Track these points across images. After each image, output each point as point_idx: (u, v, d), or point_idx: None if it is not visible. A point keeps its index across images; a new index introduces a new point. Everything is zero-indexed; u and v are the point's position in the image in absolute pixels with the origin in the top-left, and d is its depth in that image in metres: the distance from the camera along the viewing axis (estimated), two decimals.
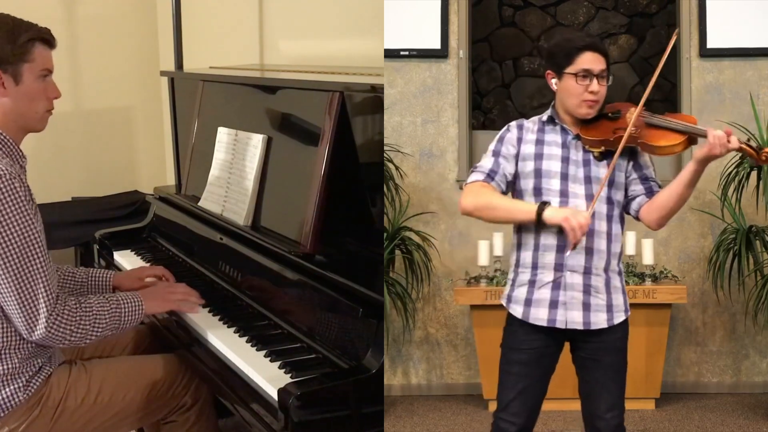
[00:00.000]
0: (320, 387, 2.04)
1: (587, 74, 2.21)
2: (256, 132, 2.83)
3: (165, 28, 4.76)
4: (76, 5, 4.86)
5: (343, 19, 3.50)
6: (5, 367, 2.26)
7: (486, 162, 2.29)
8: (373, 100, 2.37)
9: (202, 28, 4.52)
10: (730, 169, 3.98)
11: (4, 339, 2.25)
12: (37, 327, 2.20)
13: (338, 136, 2.44)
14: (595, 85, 2.21)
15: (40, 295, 2.20)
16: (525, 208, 2.20)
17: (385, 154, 4.07)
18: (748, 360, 4.33)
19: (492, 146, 2.32)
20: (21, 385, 2.29)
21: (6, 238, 2.16)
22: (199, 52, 4.42)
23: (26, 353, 2.29)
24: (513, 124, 2.33)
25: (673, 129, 2.21)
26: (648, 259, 4.05)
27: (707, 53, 4.30)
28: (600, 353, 2.27)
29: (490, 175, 2.26)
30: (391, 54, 4.35)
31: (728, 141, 2.12)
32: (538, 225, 2.19)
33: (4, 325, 2.24)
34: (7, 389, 2.27)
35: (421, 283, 4.32)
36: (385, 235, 4.00)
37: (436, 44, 4.40)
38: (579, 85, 2.22)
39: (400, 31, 4.38)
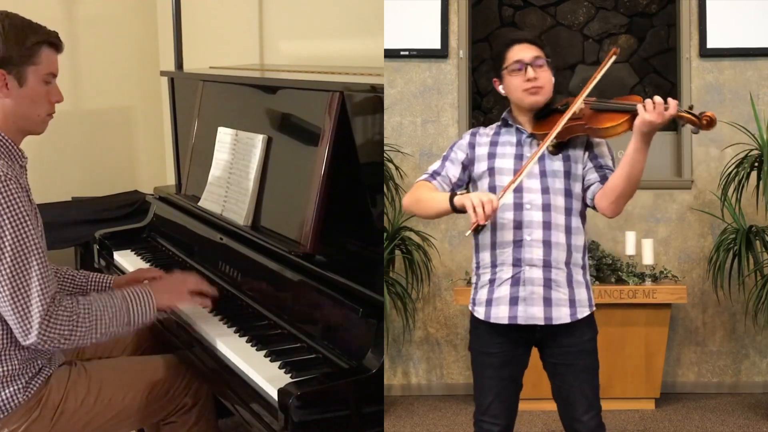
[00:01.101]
0: (320, 387, 2.03)
1: (520, 64, 2.24)
2: (256, 132, 2.83)
3: (165, 28, 4.76)
4: (76, 5, 4.86)
5: (343, 19, 3.50)
6: (5, 368, 2.26)
7: (434, 165, 2.38)
8: (373, 100, 2.37)
9: (202, 28, 4.52)
10: (730, 169, 3.98)
11: (4, 341, 2.24)
12: (31, 333, 2.17)
13: (338, 136, 2.44)
14: (530, 72, 2.23)
15: (34, 302, 2.16)
16: (442, 197, 2.22)
17: (385, 154, 4.07)
18: (748, 360, 4.33)
19: (445, 152, 2.39)
20: (21, 386, 2.28)
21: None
22: (199, 52, 4.42)
23: (26, 355, 2.29)
24: (468, 131, 2.40)
25: (616, 109, 2.20)
26: (648, 259, 4.04)
27: (707, 53, 4.30)
28: (570, 357, 2.26)
29: (433, 176, 2.34)
30: (391, 54, 4.35)
31: (665, 108, 2.08)
32: (455, 211, 2.18)
33: (4, 327, 2.23)
34: (7, 390, 2.27)
35: (421, 283, 4.32)
36: (385, 235, 4.00)
37: (436, 44, 4.40)
38: (514, 77, 2.24)
39: (400, 31, 4.38)
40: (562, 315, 2.23)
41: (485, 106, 4.73)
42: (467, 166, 2.33)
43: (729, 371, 4.34)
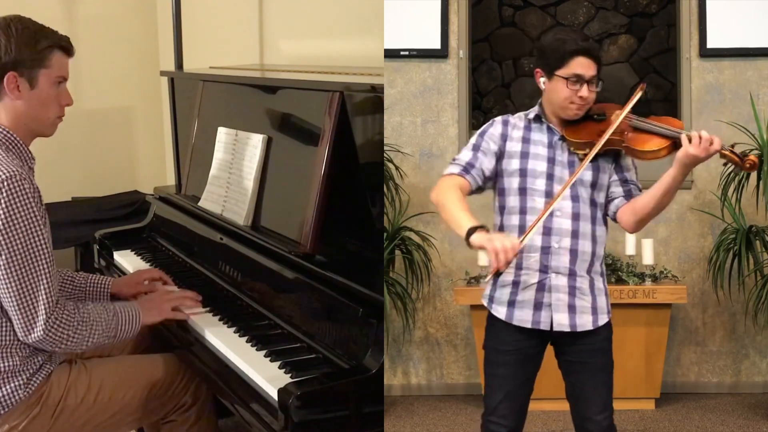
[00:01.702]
0: (320, 387, 2.04)
1: (578, 79, 2.19)
2: (256, 132, 2.83)
3: (165, 28, 4.76)
4: (76, 5, 4.86)
5: (343, 19, 3.50)
6: (6, 364, 2.27)
7: (464, 155, 2.28)
8: (373, 100, 2.37)
9: (202, 28, 4.52)
10: (730, 169, 3.98)
11: (6, 337, 2.26)
12: (35, 330, 2.21)
13: (338, 136, 2.44)
14: (585, 90, 2.20)
15: (41, 300, 2.21)
16: (462, 224, 2.12)
17: (385, 154, 4.07)
18: (748, 360, 4.33)
19: (473, 139, 2.30)
20: (21, 382, 2.29)
21: (11, 240, 2.17)
22: (199, 52, 4.42)
23: (27, 351, 2.30)
24: (498, 119, 2.32)
25: (658, 133, 2.19)
26: (648, 259, 4.04)
27: (707, 53, 4.30)
28: (586, 355, 2.26)
29: (467, 169, 2.26)
30: (391, 54, 4.35)
31: (711, 143, 2.09)
32: (470, 247, 2.11)
33: (6, 324, 2.25)
34: (8, 387, 2.28)
35: (421, 283, 4.32)
36: (385, 235, 4.00)
37: (436, 44, 4.40)
38: (569, 89, 2.20)
39: (400, 31, 4.37)
40: (585, 322, 2.24)
41: (485, 106, 4.73)
42: (499, 158, 2.27)
43: (729, 371, 4.34)
